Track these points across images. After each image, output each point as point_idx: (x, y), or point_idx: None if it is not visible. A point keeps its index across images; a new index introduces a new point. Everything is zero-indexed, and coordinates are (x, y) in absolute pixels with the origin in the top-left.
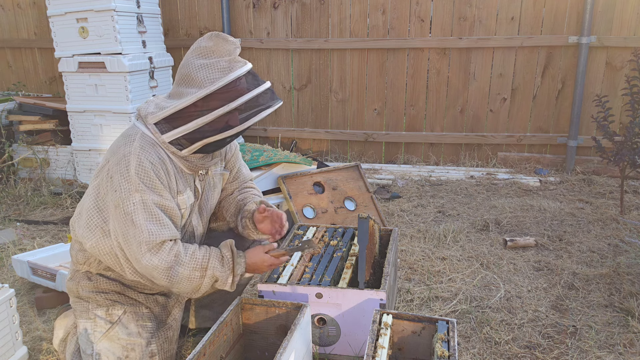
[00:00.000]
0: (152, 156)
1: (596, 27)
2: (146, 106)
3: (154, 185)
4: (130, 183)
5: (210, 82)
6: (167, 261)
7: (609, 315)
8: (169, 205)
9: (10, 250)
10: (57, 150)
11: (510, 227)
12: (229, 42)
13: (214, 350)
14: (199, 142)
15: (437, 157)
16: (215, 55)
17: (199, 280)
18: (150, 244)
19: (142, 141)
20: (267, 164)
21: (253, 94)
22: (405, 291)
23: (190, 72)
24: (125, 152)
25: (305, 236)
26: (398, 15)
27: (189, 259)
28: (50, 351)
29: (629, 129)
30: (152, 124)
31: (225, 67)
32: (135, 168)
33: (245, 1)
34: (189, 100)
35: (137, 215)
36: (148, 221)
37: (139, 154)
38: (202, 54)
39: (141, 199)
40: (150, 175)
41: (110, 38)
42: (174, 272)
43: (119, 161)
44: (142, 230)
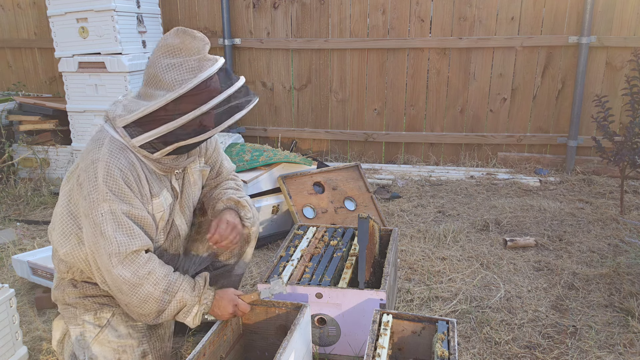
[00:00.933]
0: (122, 162)
1: (596, 27)
2: (114, 108)
3: (123, 194)
4: (98, 192)
5: (179, 85)
6: (139, 276)
7: (609, 315)
8: (139, 214)
9: (10, 250)
10: (57, 150)
11: (510, 227)
12: (197, 39)
13: (214, 350)
14: (171, 145)
15: (437, 157)
16: (183, 54)
17: (166, 304)
18: (120, 255)
19: (111, 146)
20: (267, 164)
21: (225, 95)
22: (405, 291)
23: (157, 72)
24: (93, 158)
25: (304, 238)
26: (398, 15)
27: (162, 278)
28: (50, 351)
29: (629, 129)
30: (121, 127)
31: (195, 66)
32: (103, 176)
33: (245, 1)
34: (157, 104)
35: (105, 225)
36: (117, 232)
37: (108, 160)
38: (169, 53)
39: (109, 208)
40: (119, 183)
41: (110, 38)
42: (143, 290)
43: (87, 167)
44: (112, 241)
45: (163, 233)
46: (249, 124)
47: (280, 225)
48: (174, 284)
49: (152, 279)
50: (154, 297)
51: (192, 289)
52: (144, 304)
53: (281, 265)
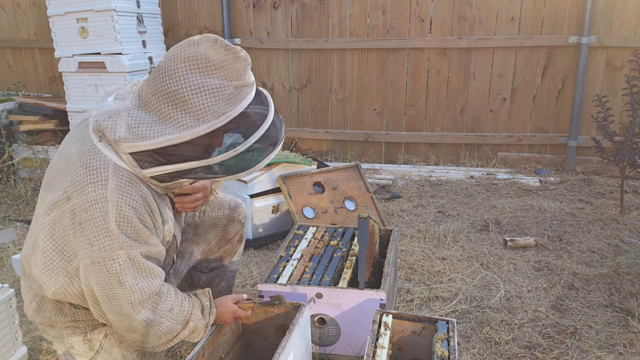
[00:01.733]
0: (134, 199)
1: (596, 27)
2: (112, 125)
3: (141, 236)
4: (111, 239)
5: (212, 115)
6: (160, 314)
7: (609, 315)
8: (156, 251)
9: (10, 250)
10: (57, 150)
11: (510, 227)
12: (241, 59)
13: (213, 350)
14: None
15: (437, 157)
16: (222, 76)
17: (178, 333)
18: (143, 302)
19: (118, 179)
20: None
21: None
22: (405, 291)
23: (182, 91)
24: (97, 197)
25: (304, 238)
26: (398, 15)
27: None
28: (50, 351)
29: (629, 129)
30: (127, 153)
31: (232, 94)
32: (115, 220)
33: (245, 1)
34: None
35: (124, 275)
36: (137, 278)
37: (118, 200)
38: (202, 69)
39: (127, 256)
40: (134, 225)
41: (110, 38)
42: (162, 327)
43: (90, 207)
44: (134, 290)
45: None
46: None
47: (280, 225)
48: (187, 312)
49: (173, 315)
50: (170, 331)
51: (202, 314)
52: (158, 339)
53: (281, 265)
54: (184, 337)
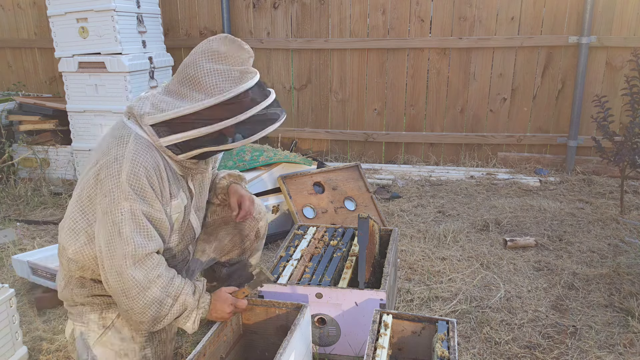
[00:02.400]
0: (147, 161)
1: (596, 27)
2: (140, 104)
3: (145, 194)
4: (120, 190)
5: (219, 92)
6: (149, 279)
7: (609, 315)
8: (157, 217)
9: (10, 250)
10: (57, 150)
11: (510, 227)
12: (245, 50)
13: (214, 350)
14: (198, 150)
15: (437, 157)
16: (229, 62)
17: (169, 308)
18: (135, 257)
19: (137, 144)
20: (267, 164)
21: (261, 107)
22: (405, 291)
23: (197, 75)
24: (117, 155)
25: (304, 238)
26: (398, 15)
27: (168, 282)
28: (50, 351)
29: (629, 129)
30: (149, 125)
31: (237, 77)
32: (127, 174)
33: (245, 1)
34: (194, 107)
35: (124, 225)
36: (135, 232)
37: (133, 158)
38: (213, 58)
39: (130, 208)
40: (142, 183)
41: (110, 38)
42: (150, 294)
43: (110, 164)
44: (129, 242)
45: (178, 234)
46: None
47: (280, 225)
48: (178, 287)
49: (161, 282)
50: (158, 301)
51: (193, 292)
52: (146, 309)
53: (281, 265)
54: (175, 317)
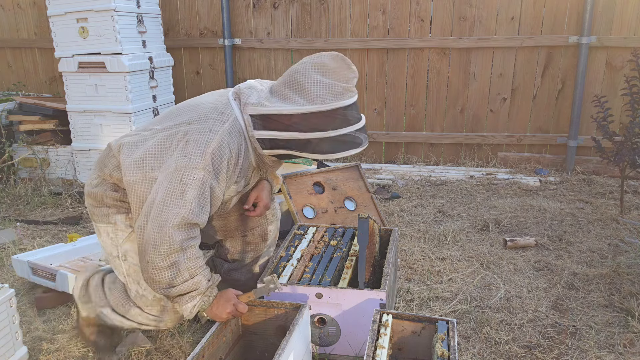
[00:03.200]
0: (235, 145)
1: (596, 27)
2: (248, 92)
3: (219, 172)
4: (203, 159)
5: (321, 102)
6: (182, 245)
7: (609, 315)
8: (218, 194)
9: (10, 250)
10: (57, 150)
11: (510, 227)
12: (352, 70)
13: (213, 351)
14: (283, 151)
15: (437, 157)
16: (334, 78)
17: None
18: (185, 219)
19: (233, 127)
20: None
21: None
22: (405, 291)
23: (304, 82)
24: (212, 128)
25: (304, 238)
26: (398, 15)
27: (194, 257)
28: (51, 351)
29: (629, 129)
30: (248, 114)
31: (339, 92)
32: (214, 147)
33: (245, 1)
34: (293, 110)
35: (191, 189)
36: (195, 201)
37: (225, 137)
38: (322, 71)
39: (203, 178)
40: (222, 162)
41: (110, 38)
42: (174, 257)
43: (203, 132)
44: (187, 204)
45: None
46: None
47: (280, 225)
48: (199, 267)
49: (188, 254)
50: (178, 268)
51: (207, 279)
52: (165, 271)
53: (281, 265)
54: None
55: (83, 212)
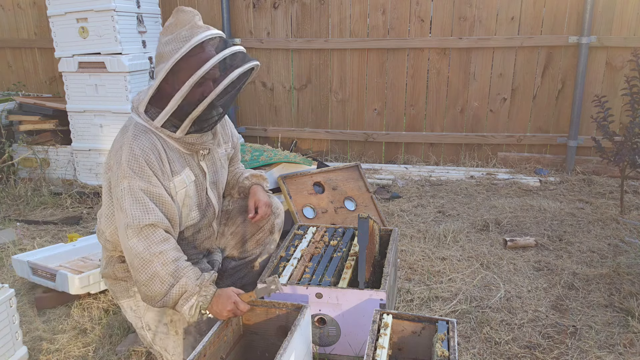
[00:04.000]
0: (143, 143)
1: (596, 27)
2: (138, 97)
3: (142, 172)
4: (120, 170)
5: (174, 52)
6: (150, 252)
7: (609, 315)
8: (157, 192)
9: (10, 250)
10: (57, 150)
11: (510, 227)
12: (187, 12)
13: (214, 351)
14: (187, 120)
15: (437, 157)
16: (177, 28)
17: (168, 287)
18: (134, 227)
19: (135, 130)
20: (267, 164)
21: (218, 58)
22: (405, 291)
23: (159, 50)
24: (120, 143)
25: (304, 238)
26: (398, 15)
27: (171, 261)
28: (50, 351)
29: (629, 129)
30: (143, 112)
31: (186, 35)
32: (126, 156)
33: (245, 1)
34: (160, 77)
35: (123, 200)
36: (133, 206)
37: (131, 142)
38: (166, 31)
39: (128, 184)
40: (139, 162)
41: (110, 38)
42: (152, 269)
43: (115, 152)
44: (127, 214)
45: (198, 210)
46: (249, 124)
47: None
48: (182, 269)
49: (162, 258)
50: (159, 277)
51: (196, 278)
52: (150, 283)
53: (281, 265)
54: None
55: (83, 212)
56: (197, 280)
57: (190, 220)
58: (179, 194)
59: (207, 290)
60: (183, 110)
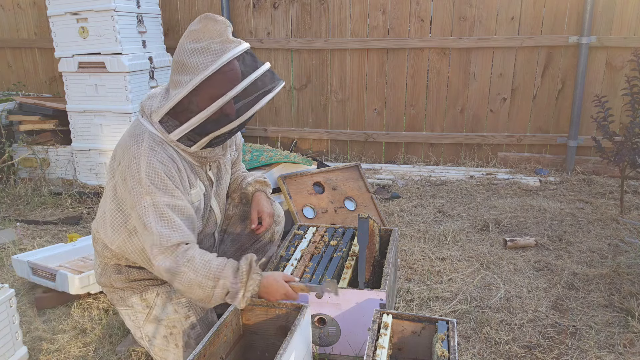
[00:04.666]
0: (162, 156)
1: (596, 27)
2: (150, 103)
3: (165, 186)
4: (141, 186)
5: (204, 67)
6: (179, 264)
7: (609, 315)
8: (181, 205)
9: (10, 250)
10: (57, 150)
11: (510, 227)
12: (219, 22)
13: (214, 351)
14: (206, 137)
15: (437, 157)
16: (207, 38)
17: (211, 289)
18: (161, 247)
19: (151, 141)
20: (267, 164)
21: (251, 79)
22: (405, 291)
23: (183, 58)
24: (135, 154)
25: (304, 238)
26: (398, 15)
27: (202, 265)
28: (50, 351)
29: (629, 129)
30: (157, 122)
31: (218, 49)
32: (145, 170)
33: (245, 1)
34: (185, 90)
35: (148, 218)
36: (159, 224)
37: (149, 155)
38: (193, 39)
39: (152, 201)
40: (160, 176)
41: (110, 38)
42: (186, 278)
43: (130, 163)
44: (153, 233)
45: (202, 220)
46: (249, 124)
47: None
48: (216, 270)
49: (192, 266)
50: (196, 283)
51: (234, 275)
52: (191, 290)
53: (281, 265)
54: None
55: (83, 212)
56: (236, 277)
57: None
58: (194, 206)
59: (252, 283)
60: (205, 128)
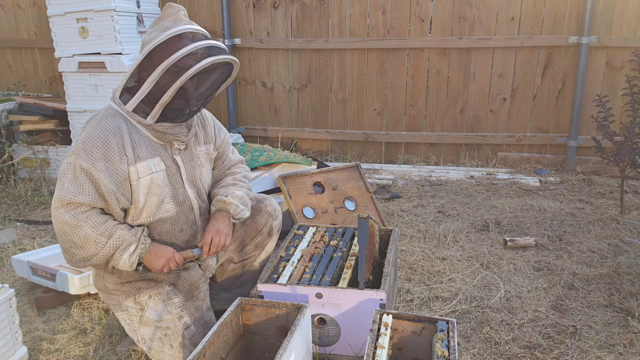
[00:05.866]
0: (107, 125)
1: (596, 27)
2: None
3: (91, 153)
4: (75, 146)
5: (152, 40)
6: (78, 219)
7: (609, 315)
8: (98, 177)
9: (10, 250)
10: (57, 150)
11: (510, 227)
12: (173, 7)
13: (214, 351)
14: (157, 106)
15: (437, 157)
16: (161, 20)
17: (102, 245)
18: (63, 201)
19: (105, 113)
20: (267, 164)
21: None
22: (405, 291)
23: (142, 40)
24: (86, 125)
25: (304, 238)
26: (398, 15)
27: (100, 223)
28: (50, 351)
29: (629, 129)
30: (118, 97)
31: (168, 26)
32: (85, 134)
33: (245, 1)
34: (136, 62)
35: (65, 174)
36: (71, 183)
37: (95, 123)
38: (152, 24)
39: (74, 161)
40: (95, 143)
41: (110, 38)
42: (83, 232)
43: (80, 132)
44: (64, 188)
45: (174, 201)
46: (249, 124)
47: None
48: (112, 228)
49: (91, 222)
50: (92, 240)
51: (128, 230)
52: (85, 245)
53: (281, 265)
54: (112, 252)
55: None
56: (131, 231)
57: (165, 212)
58: (144, 180)
59: (144, 240)
60: (154, 95)
